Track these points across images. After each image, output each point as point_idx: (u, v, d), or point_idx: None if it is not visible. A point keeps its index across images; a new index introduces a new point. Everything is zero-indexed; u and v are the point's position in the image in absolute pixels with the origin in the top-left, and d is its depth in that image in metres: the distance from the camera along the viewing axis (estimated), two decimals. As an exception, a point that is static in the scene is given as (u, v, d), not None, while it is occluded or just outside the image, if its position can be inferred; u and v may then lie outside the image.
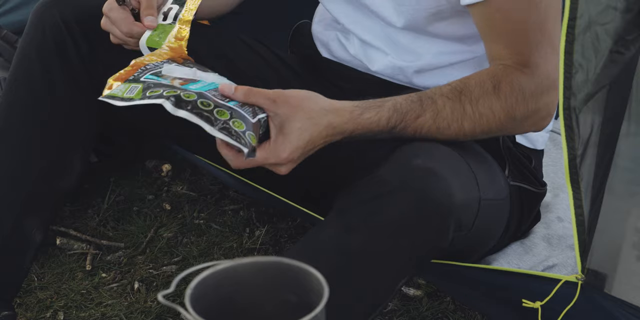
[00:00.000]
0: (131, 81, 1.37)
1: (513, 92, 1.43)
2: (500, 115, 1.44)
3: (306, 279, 1.14)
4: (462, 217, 1.37)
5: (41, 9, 1.59)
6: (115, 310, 1.77)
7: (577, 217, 1.33)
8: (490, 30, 1.46)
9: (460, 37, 1.55)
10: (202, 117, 1.30)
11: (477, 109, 1.43)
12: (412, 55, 1.59)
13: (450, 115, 1.43)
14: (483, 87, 1.43)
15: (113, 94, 1.34)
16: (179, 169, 2.22)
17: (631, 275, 1.39)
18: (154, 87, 1.34)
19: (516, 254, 1.67)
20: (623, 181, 1.36)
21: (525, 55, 1.44)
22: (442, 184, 1.32)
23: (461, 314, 1.72)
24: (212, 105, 1.33)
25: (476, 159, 1.48)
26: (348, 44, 1.68)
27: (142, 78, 1.37)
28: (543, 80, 1.43)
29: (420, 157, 1.36)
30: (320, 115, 1.37)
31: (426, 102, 1.42)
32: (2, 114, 1.59)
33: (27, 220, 1.58)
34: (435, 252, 1.39)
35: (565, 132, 1.26)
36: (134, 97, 1.32)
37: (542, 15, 1.41)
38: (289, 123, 1.35)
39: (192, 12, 1.53)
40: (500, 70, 1.45)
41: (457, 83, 1.44)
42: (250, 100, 1.36)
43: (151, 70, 1.41)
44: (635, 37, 1.25)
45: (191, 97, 1.32)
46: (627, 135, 1.32)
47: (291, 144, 1.35)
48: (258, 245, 1.95)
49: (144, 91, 1.33)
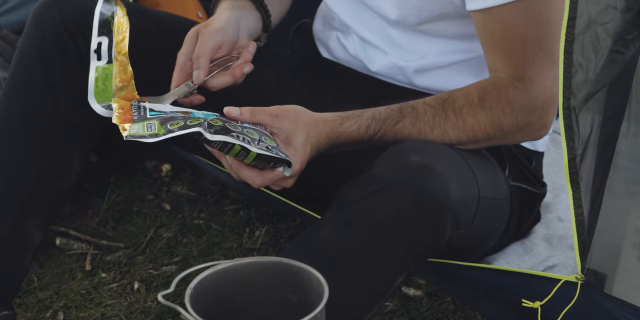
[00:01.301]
0: (140, 120, 1.35)
1: (500, 104, 1.44)
2: (485, 125, 1.45)
3: (306, 279, 1.15)
4: (460, 215, 1.38)
5: (41, 9, 1.59)
6: (115, 310, 1.77)
7: (576, 217, 1.33)
8: (489, 40, 1.47)
9: (461, 36, 1.55)
10: (238, 138, 1.32)
11: (461, 116, 1.45)
12: (412, 54, 1.59)
13: (432, 119, 1.45)
14: (468, 98, 1.45)
15: (135, 133, 1.32)
16: (179, 169, 2.22)
17: (631, 275, 1.39)
18: (170, 120, 1.33)
19: (516, 254, 1.67)
20: (623, 181, 1.36)
21: (520, 68, 1.44)
22: (439, 181, 1.32)
23: (461, 314, 1.72)
24: (239, 128, 1.35)
25: (476, 158, 1.48)
26: (348, 44, 1.68)
27: (148, 115, 1.36)
28: (538, 94, 1.43)
29: (418, 154, 1.36)
30: (313, 127, 1.42)
31: (406, 110, 1.45)
32: (1, 113, 1.59)
33: (27, 220, 1.58)
34: (433, 249, 1.39)
35: (565, 132, 1.26)
36: (159, 133, 1.31)
37: (543, 30, 1.41)
38: (294, 137, 1.40)
39: (125, 42, 1.46)
40: (491, 83, 1.46)
41: (442, 94, 1.47)
42: (256, 119, 1.40)
43: (147, 107, 1.39)
44: (635, 36, 1.25)
45: (217, 122, 1.34)
46: (626, 135, 1.32)
47: (301, 157, 1.39)
48: (258, 245, 1.95)
49: (163, 125, 1.32)
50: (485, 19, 1.44)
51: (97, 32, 1.47)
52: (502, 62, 1.45)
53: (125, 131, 1.33)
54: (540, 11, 1.40)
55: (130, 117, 1.37)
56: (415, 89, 1.61)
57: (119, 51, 1.46)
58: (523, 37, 1.42)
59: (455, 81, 1.55)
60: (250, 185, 1.41)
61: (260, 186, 1.41)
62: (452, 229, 1.36)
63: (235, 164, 1.39)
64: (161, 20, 1.67)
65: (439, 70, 1.59)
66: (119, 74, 1.45)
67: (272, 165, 1.37)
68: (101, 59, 1.46)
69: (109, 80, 1.45)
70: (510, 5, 1.40)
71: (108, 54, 1.46)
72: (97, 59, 1.46)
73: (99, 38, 1.46)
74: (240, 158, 1.35)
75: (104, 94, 1.44)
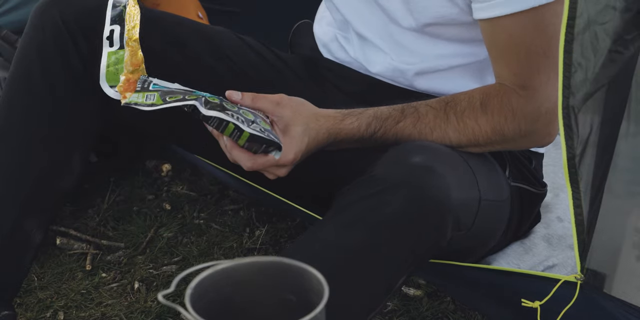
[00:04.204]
0: (142, 90, 1.40)
1: (502, 110, 1.44)
2: (487, 129, 1.45)
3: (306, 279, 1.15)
4: (461, 216, 1.38)
5: (41, 9, 1.58)
6: (115, 310, 1.77)
7: (576, 216, 1.33)
8: (495, 48, 1.46)
9: (463, 39, 1.55)
10: (232, 116, 1.35)
11: (462, 119, 1.45)
12: (413, 56, 1.59)
13: (433, 121, 1.45)
14: (471, 101, 1.45)
15: (133, 101, 1.38)
16: (179, 169, 2.22)
17: (631, 275, 1.39)
18: (170, 93, 1.38)
19: (516, 254, 1.67)
20: (623, 181, 1.36)
21: (524, 77, 1.44)
22: (440, 182, 1.32)
23: (461, 314, 1.72)
24: (235, 107, 1.38)
25: (477, 159, 1.48)
26: (348, 45, 1.68)
27: (150, 87, 1.40)
28: (542, 103, 1.43)
29: (419, 155, 1.36)
30: (313, 120, 1.42)
31: (408, 110, 1.46)
32: (2, 113, 1.59)
33: (27, 220, 1.58)
34: (434, 250, 1.39)
35: (564, 131, 1.26)
36: (157, 103, 1.36)
37: (549, 39, 1.40)
38: (293, 126, 1.40)
39: (137, 29, 1.50)
40: (495, 89, 1.46)
41: (446, 96, 1.48)
42: (257, 105, 1.41)
43: (152, 81, 1.43)
44: (634, 36, 1.25)
45: (215, 99, 1.37)
46: (626, 135, 1.32)
47: (297, 146, 1.40)
48: (258, 245, 1.95)
49: (162, 97, 1.36)
50: (492, 28, 1.43)
51: (110, 21, 1.51)
52: (507, 70, 1.45)
53: (125, 99, 1.38)
54: (547, 21, 1.39)
55: (134, 88, 1.41)
56: (417, 92, 1.61)
57: (130, 37, 1.49)
58: (529, 46, 1.41)
59: (457, 85, 1.55)
60: (243, 167, 1.42)
61: (250, 169, 1.41)
62: (453, 230, 1.36)
63: (229, 144, 1.40)
64: (161, 20, 1.67)
65: (440, 73, 1.58)
66: (130, 59, 1.48)
67: (264, 148, 1.38)
68: (113, 46, 1.49)
69: (120, 64, 1.48)
70: (517, 15, 1.39)
71: (120, 41, 1.49)
72: (109, 46, 1.49)
73: (111, 26, 1.50)
74: (234, 138, 1.37)
75: (114, 77, 1.47)
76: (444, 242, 1.37)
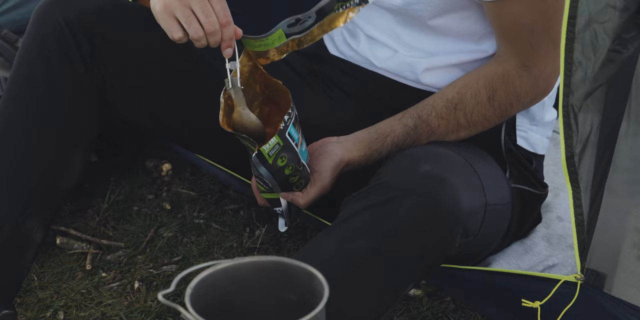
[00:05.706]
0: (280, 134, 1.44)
1: (508, 99, 1.52)
2: (494, 120, 1.54)
3: (306, 279, 1.14)
4: (469, 224, 1.38)
5: (43, 9, 1.58)
6: (116, 309, 1.77)
7: (576, 216, 1.33)
8: (498, 28, 1.50)
9: (470, 34, 1.55)
10: None
11: (472, 119, 1.53)
12: (421, 52, 1.59)
13: (445, 130, 1.54)
14: (477, 98, 1.52)
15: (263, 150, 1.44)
16: (179, 169, 2.22)
17: (631, 275, 1.39)
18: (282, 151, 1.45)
19: (516, 254, 1.67)
20: (623, 181, 1.36)
21: (525, 55, 1.49)
22: (450, 191, 1.33)
23: (461, 313, 1.72)
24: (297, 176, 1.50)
25: (481, 163, 1.48)
26: (354, 39, 1.67)
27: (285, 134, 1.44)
28: (540, 74, 1.50)
29: (427, 163, 1.38)
30: (337, 169, 1.53)
31: (420, 127, 1.53)
32: (3, 113, 1.59)
33: (28, 219, 1.58)
34: (442, 257, 1.39)
35: (564, 130, 1.26)
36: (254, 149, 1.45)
37: (549, 19, 1.44)
38: (322, 174, 1.52)
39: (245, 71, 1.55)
40: (498, 77, 1.51)
41: (453, 95, 1.53)
42: None
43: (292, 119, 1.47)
44: (633, 36, 1.25)
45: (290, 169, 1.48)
46: (626, 135, 1.32)
47: (316, 194, 1.53)
48: (258, 245, 1.95)
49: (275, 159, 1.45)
50: (497, 10, 1.47)
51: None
52: (509, 48, 1.50)
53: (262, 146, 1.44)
54: (549, 3, 1.43)
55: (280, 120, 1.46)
56: (420, 87, 1.60)
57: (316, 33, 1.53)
58: (531, 27, 1.46)
59: None
60: None
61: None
62: (461, 238, 1.37)
63: None
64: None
65: (447, 68, 1.59)
66: None
67: None
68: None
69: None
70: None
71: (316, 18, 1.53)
72: None
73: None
74: None
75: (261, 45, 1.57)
76: (452, 251, 1.37)
